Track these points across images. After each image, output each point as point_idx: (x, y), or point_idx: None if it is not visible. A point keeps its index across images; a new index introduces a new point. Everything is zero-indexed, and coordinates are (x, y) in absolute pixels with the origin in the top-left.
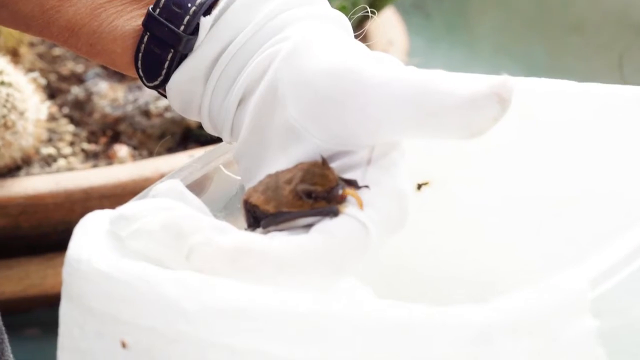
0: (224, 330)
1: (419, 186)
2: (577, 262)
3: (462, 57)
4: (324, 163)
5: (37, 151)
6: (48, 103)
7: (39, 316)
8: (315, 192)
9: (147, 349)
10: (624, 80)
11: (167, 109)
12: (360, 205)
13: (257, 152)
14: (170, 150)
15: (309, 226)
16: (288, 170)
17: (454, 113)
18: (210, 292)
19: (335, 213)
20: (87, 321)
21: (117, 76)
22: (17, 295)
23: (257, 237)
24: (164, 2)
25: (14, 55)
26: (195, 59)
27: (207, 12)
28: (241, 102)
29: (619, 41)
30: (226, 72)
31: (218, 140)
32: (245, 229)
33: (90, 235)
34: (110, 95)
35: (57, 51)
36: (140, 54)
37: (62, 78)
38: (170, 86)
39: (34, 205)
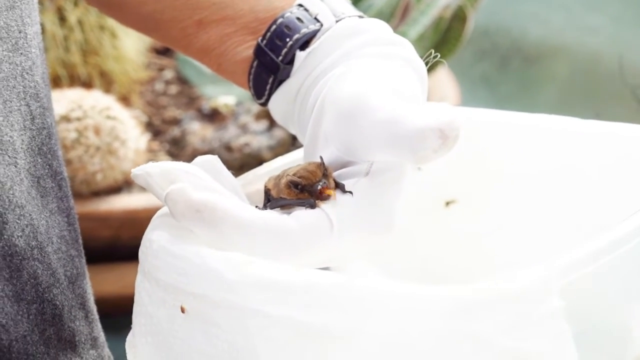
0: (259, 298)
1: (447, 203)
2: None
3: None
4: (321, 164)
5: None
6: (148, 135)
7: None
8: (300, 184)
9: (199, 313)
10: None
11: (247, 144)
12: (333, 196)
13: (312, 154)
14: None
15: None
16: (297, 165)
17: (403, 141)
18: (249, 266)
19: (312, 205)
20: (154, 290)
21: (207, 118)
22: (115, 294)
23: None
24: (270, 35)
25: (125, 100)
26: (289, 84)
27: (306, 45)
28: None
29: None
30: (307, 94)
31: None
32: (257, 207)
33: (161, 223)
34: (200, 134)
35: (163, 100)
36: (251, 77)
37: (165, 121)
38: (271, 106)
39: (131, 219)
